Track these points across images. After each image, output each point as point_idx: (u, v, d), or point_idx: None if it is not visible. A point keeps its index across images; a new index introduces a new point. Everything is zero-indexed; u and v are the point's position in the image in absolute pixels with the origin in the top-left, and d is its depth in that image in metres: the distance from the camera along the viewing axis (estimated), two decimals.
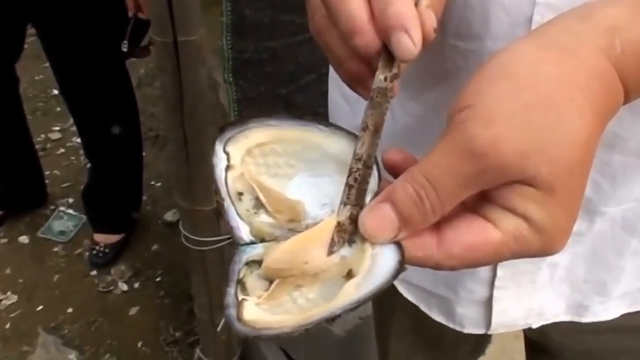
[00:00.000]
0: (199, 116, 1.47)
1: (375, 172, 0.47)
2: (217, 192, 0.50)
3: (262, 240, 0.49)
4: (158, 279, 2.53)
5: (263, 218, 0.50)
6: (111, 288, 2.51)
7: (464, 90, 0.41)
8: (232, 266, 0.48)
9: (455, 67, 0.55)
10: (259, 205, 0.50)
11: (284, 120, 0.50)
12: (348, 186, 0.46)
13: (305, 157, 0.50)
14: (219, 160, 0.50)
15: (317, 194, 0.50)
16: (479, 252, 0.42)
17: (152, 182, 2.93)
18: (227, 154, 0.50)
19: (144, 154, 2.62)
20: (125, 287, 2.51)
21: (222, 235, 1.66)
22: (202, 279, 1.78)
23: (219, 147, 0.50)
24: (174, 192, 1.69)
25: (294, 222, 0.49)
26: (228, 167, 0.50)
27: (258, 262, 0.48)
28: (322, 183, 0.50)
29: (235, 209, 0.50)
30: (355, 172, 0.46)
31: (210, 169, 0.49)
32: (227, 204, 0.50)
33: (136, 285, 2.52)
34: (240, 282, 0.47)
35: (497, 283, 0.67)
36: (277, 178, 0.51)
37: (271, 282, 0.47)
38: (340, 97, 0.76)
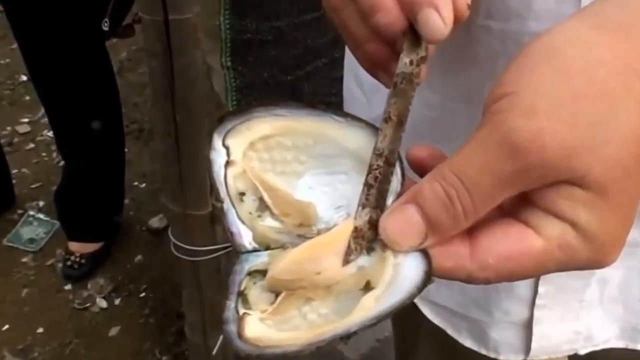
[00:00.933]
0: (192, 107, 1.48)
1: (398, 170, 0.48)
2: (214, 192, 0.50)
3: (267, 248, 0.49)
4: (142, 295, 2.54)
5: (268, 222, 0.50)
6: (88, 305, 2.52)
7: (502, 76, 0.41)
8: (233, 277, 0.49)
9: (487, 51, 0.56)
10: (263, 207, 0.51)
11: (293, 109, 0.51)
12: (367, 186, 0.47)
13: (317, 152, 0.51)
14: (218, 155, 0.51)
15: (331, 194, 0.51)
16: (518, 263, 0.42)
17: (136, 183, 2.94)
18: (226, 147, 0.51)
19: (126, 150, 2.62)
20: (104, 304, 2.52)
21: (218, 244, 1.67)
22: (194, 294, 1.79)
23: (217, 140, 0.51)
24: (162, 193, 1.70)
25: (303, 227, 0.50)
26: (228, 163, 0.51)
27: (262, 273, 0.48)
28: (336, 182, 0.51)
29: (236, 212, 0.50)
30: (376, 169, 0.47)
31: (206, 166, 0.50)
32: (227, 205, 0.50)
33: (117, 301, 2.53)
34: (242, 295, 0.48)
35: (538, 302, 0.67)
36: (284, 176, 0.51)
37: (277, 295, 0.47)
38: (356, 85, 0.77)
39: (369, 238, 0.47)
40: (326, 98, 1.63)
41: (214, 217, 1.61)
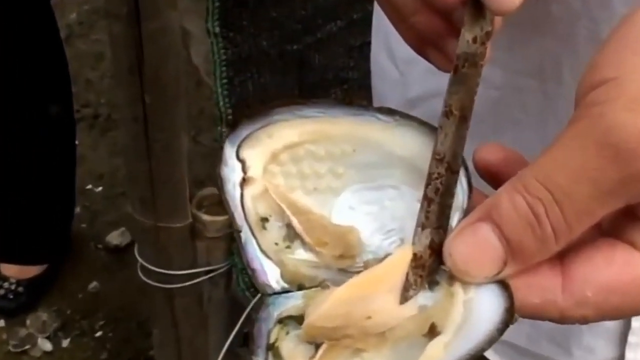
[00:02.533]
0: (166, 85, 1.42)
1: (463, 180, 0.49)
2: (230, 217, 0.51)
3: (300, 287, 0.50)
4: (99, 334, 2.47)
5: (299, 254, 0.51)
6: (27, 347, 2.44)
7: (598, 57, 0.41)
8: (258, 325, 0.49)
9: (565, 13, 0.56)
10: (292, 235, 0.52)
11: (325, 108, 0.52)
12: (426, 200, 0.47)
13: (358, 161, 0.52)
14: (231, 171, 0.51)
15: (378, 215, 0.52)
16: (626, 296, 0.42)
17: (90, 186, 2.82)
18: (242, 161, 0.52)
19: (76, 142, 2.51)
20: (48, 346, 2.44)
21: (199, 267, 1.64)
22: (168, 333, 1.76)
23: (230, 152, 0.52)
24: (125, 200, 1.67)
25: (345, 259, 0.51)
26: (245, 181, 0.52)
27: (296, 319, 0.49)
28: (384, 199, 0.52)
29: (258, 243, 0.51)
30: (436, 179, 0.47)
31: (217, 183, 0.50)
32: (245, 235, 0.51)
33: (65, 342, 2.46)
34: (273, 349, 0.48)
35: (630, 339, 0.67)
36: (317, 194, 0.53)
37: (317, 346, 0.48)
38: (387, 57, 0.78)
39: (431, 268, 0.47)
40: (342, 73, 1.59)
41: (194, 230, 1.57)
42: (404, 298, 0.47)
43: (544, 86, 0.62)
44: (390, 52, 0.77)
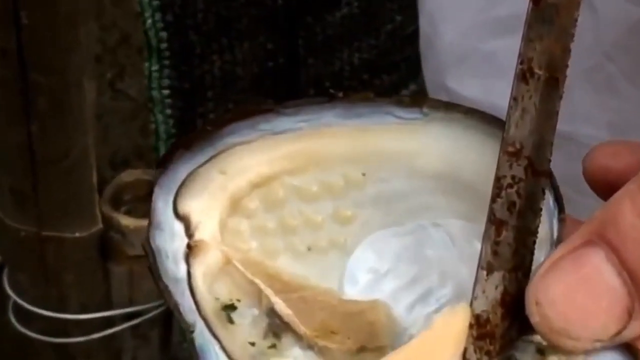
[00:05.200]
0: (59, 44, 1.18)
1: (548, 194, 0.42)
2: (173, 311, 0.43)
3: None
4: None
5: (293, 356, 0.44)
6: None
7: None
8: None
9: None
10: (278, 327, 0.44)
11: (309, 113, 0.45)
12: (494, 225, 0.41)
13: (373, 193, 0.46)
14: (168, 238, 0.44)
15: (418, 276, 0.45)
16: None
17: None
18: (183, 219, 0.44)
19: None
20: None
21: (114, 308, 1.34)
22: None
23: (163, 207, 0.44)
24: None
25: (370, 352, 0.43)
26: (192, 250, 0.44)
27: None
28: (424, 247, 0.45)
29: (222, 347, 0.42)
30: (510, 187, 0.40)
31: (148, 255, 0.43)
32: (201, 336, 0.42)
33: None
34: None
35: None
36: (315, 257, 0.46)
37: None
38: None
39: (504, 338, 0.41)
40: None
41: (107, 243, 1.24)
42: None
43: None
44: None
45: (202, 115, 1.24)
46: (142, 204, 1.18)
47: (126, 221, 1.18)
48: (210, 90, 1.28)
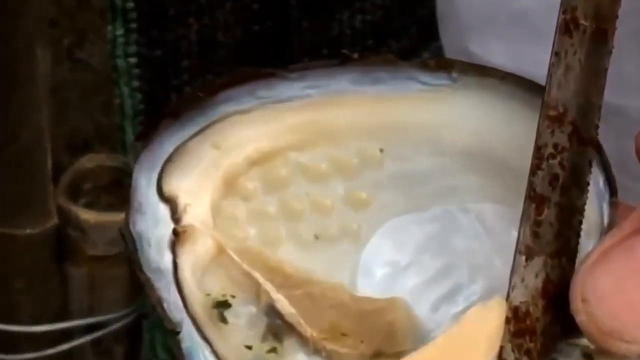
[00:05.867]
0: (5, 5, 1.15)
1: (598, 171, 0.41)
2: (156, 306, 0.40)
3: None
4: None
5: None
6: None
7: None
8: None
9: None
10: (279, 328, 0.42)
11: (317, 78, 0.42)
12: (534, 203, 0.39)
13: (393, 171, 0.44)
14: (151, 223, 0.41)
15: (444, 269, 0.43)
16: None
17: None
18: (169, 201, 0.42)
19: None
20: None
21: (73, 318, 1.34)
22: None
23: (144, 187, 0.42)
24: None
25: (387, 358, 0.42)
26: (178, 237, 0.41)
27: None
28: (450, 235, 0.43)
29: (213, 350, 0.40)
30: (552, 157, 0.39)
31: (127, 242, 0.41)
32: (189, 338, 0.40)
33: None
34: None
35: None
36: (323, 247, 0.44)
37: None
38: None
39: (546, 336, 0.39)
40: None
41: (64, 241, 1.18)
42: None
43: None
44: None
45: (177, 89, 1.17)
46: (106, 195, 1.10)
47: (86, 215, 1.08)
48: (185, 59, 1.22)
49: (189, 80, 1.15)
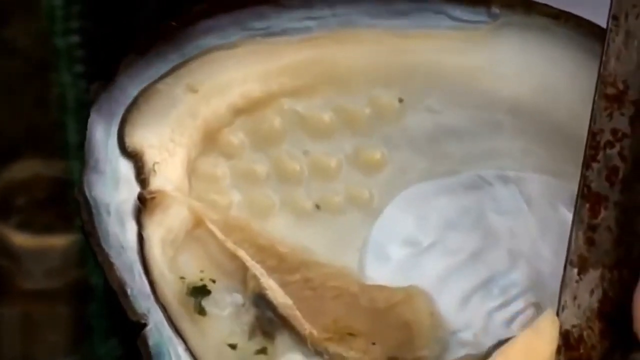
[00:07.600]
0: None
1: None
2: (117, 292, 0.36)
3: None
4: None
5: None
6: None
7: None
8: None
9: None
10: (269, 322, 0.38)
11: (324, 3, 0.38)
12: (589, 200, 0.36)
13: (414, 126, 0.38)
14: (111, 185, 0.38)
15: (476, 253, 0.38)
16: None
17: None
18: (134, 157, 0.37)
19: None
20: None
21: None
22: None
23: (102, 139, 0.38)
24: None
25: None
26: (145, 204, 0.37)
27: None
28: (485, 208, 0.38)
29: (188, 347, 0.37)
30: (610, 147, 0.36)
31: (81, 210, 0.37)
32: (159, 331, 0.36)
33: None
34: None
35: None
36: (326, 218, 0.39)
37: None
38: None
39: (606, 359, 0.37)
40: None
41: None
42: None
43: None
44: None
45: None
46: (44, 213, 1.03)
47: (19, 238, 1.05)
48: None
49: None
